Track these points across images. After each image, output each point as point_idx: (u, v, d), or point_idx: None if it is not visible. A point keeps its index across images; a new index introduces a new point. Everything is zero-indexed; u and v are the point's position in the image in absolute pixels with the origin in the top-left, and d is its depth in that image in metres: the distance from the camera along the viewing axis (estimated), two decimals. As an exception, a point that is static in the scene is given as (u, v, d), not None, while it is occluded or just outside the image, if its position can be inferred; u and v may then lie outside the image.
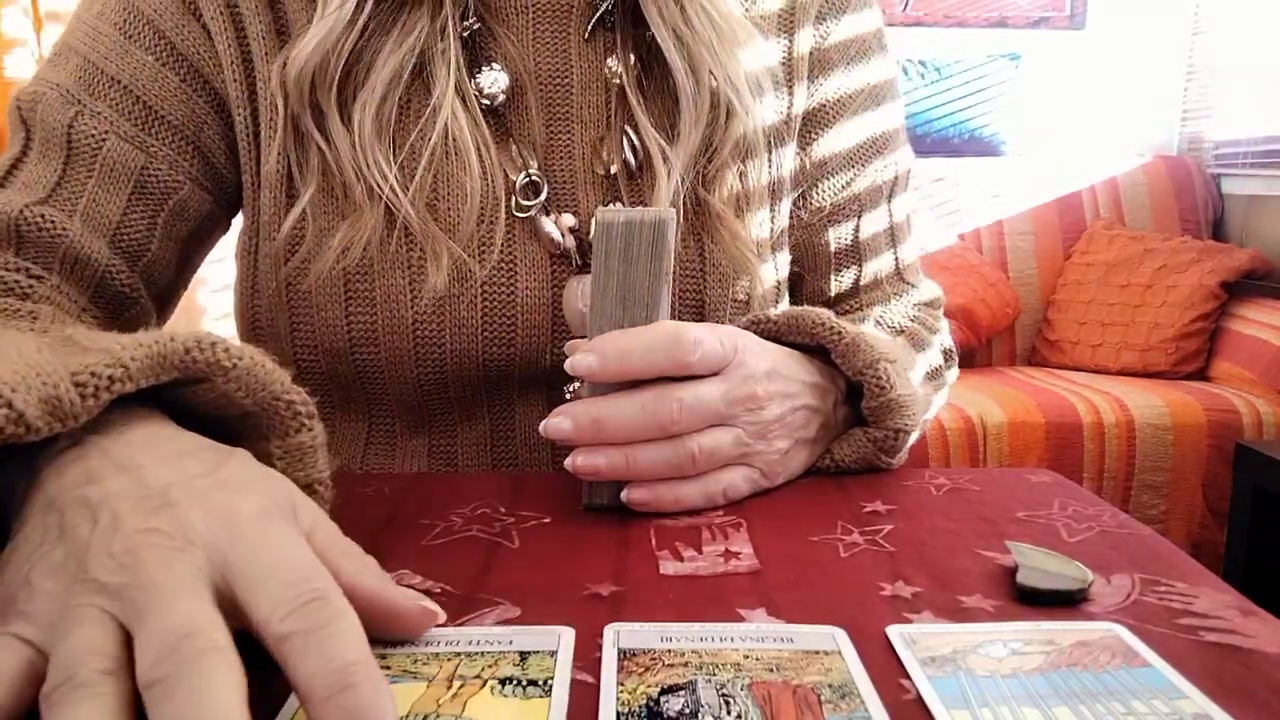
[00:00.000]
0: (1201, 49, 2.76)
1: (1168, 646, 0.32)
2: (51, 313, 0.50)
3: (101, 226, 0.55)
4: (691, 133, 0.58)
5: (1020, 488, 0.50)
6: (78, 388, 0.31)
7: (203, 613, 0.26)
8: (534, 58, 0.59)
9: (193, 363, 0.34)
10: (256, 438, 0.36)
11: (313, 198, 0.56)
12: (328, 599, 0.27)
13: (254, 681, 0.25)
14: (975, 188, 2.53)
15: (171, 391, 0.36)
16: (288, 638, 0.26)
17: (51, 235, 0.53)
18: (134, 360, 0.33)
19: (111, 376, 0.32)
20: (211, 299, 1.99)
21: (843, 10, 0.66)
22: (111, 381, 0.32)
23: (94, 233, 0.55)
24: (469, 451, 0.61)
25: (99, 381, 0.32)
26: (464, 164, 0.56)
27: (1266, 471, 1.65)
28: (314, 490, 0.37)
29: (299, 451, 0.37)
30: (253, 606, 0.27)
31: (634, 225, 0.45)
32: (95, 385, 0.32)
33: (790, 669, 0.30)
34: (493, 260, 0.57)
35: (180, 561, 0.27)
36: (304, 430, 0.37)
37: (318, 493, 0.37)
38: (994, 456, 1.88)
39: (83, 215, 0.55)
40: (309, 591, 0.27)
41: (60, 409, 0.31)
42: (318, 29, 0.54)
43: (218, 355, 0.34)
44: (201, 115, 0.58)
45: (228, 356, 0.34)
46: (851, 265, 0.69)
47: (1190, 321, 2.21)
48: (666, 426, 0.44)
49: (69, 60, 0.57)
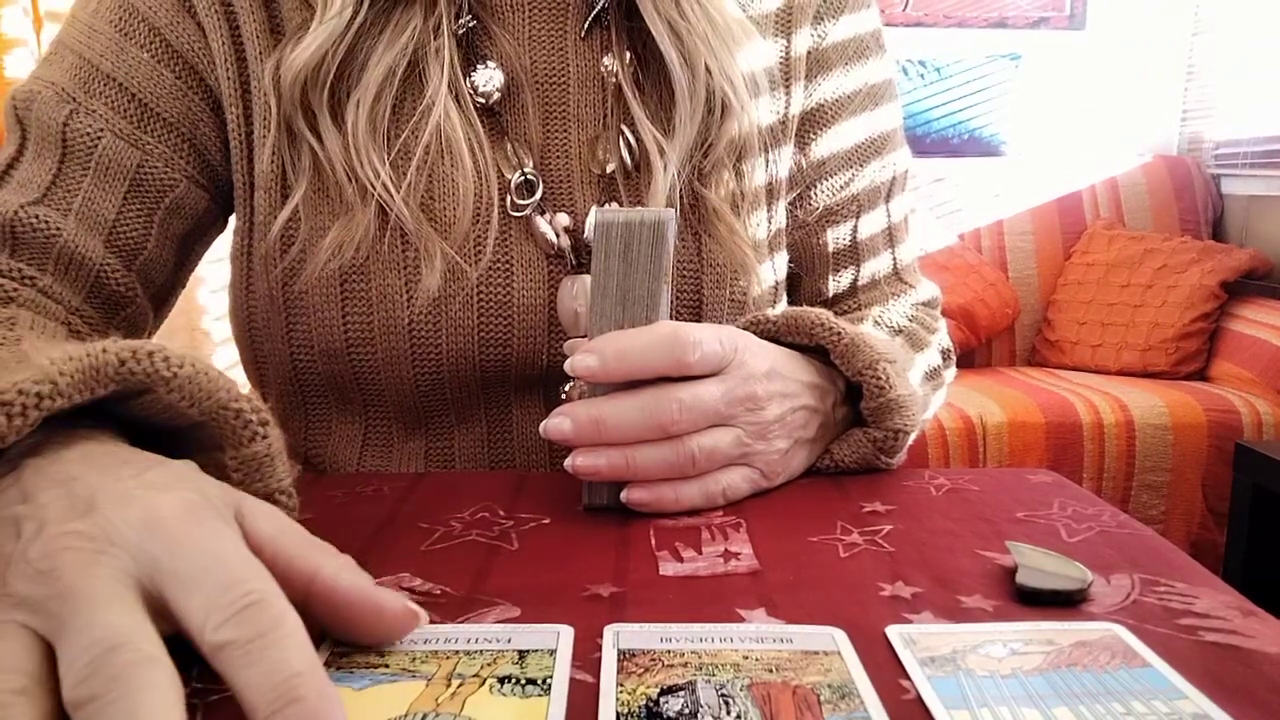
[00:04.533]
0: (1201, 49, 2.76)
1: (1167, 647, 0.32)
2: (30, 318, 0.49)
3: (97, 225, 0.55)
4: (687, 126, 0.57)
5: (1020, 488, 0.50)
6: (4, 408, 0.29)
7: (129, 621, 0.24)
8: (530, 55, 0.59)
9: (129, 374, 0.32)
10: (212, 449, 0.35)
11: (306, 197, 0.56)
12: (266, 602, 0.25)
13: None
14: (975, 188, 2.53)
15: (123, 407, 0.35)
16: (225, 647, 0.24)
17: (46, 235, 0.53)
18: (63, 375, 0.31)
19: (39, 394, 0.30)
20: (211, 299, 1.99)
21: (840, 11, 0.66)
22: (40, 399, 0.30)
23: (89, 232, 0.55)
24: (466, 452, 0.61)
25: (26, 400, 0.30)
26: (457, 163, 0.55)
27: (1266, 471, 1.65)
28: (276, 501, 0.36)
29: (254, 462, 0.35)
30: (185, 613, 0.25)
31: (634, 225, 0.45)
32: (23, 404, 0.30)
33: (790, 669, 0.30)
34: (486, 260, 0.57)
35: (101, 565, 0.26)
36: (257, 439, 0.35)
37: (280, 503, 0.36)
38: (994, 456, 1.88)
39: (77, 214, 0.54)
40: (244, 596, 0.25)
41: None
42: (315, 34, 0.53)
43: (156, 365, 0.33)
44: (197, 112, 0.58)
45: (167, 366, 0.33)
46: (849, 266, 0.69)
47: (1190, 321, 2.21)
48: (666, 427, 0.44)
49: (65, 59, 0.57)
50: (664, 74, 0.58)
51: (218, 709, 0.28)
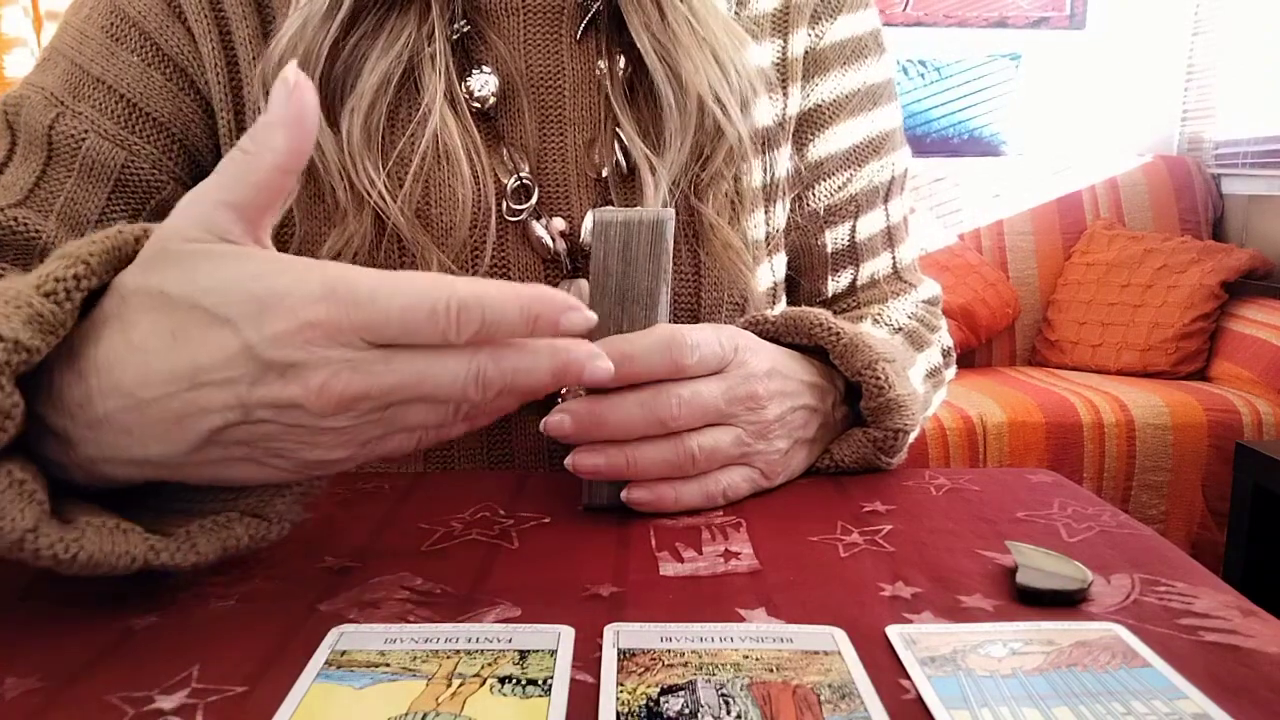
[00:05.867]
0: (1201, 49, 2.76)
1: (1167, 646, 0.32)
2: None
3: (79, 225, 0.55)
4: (677, 141, 0.57)
5: (1020, 488, 0.50)
6: (49, 298, 0.32)
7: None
8: (525, 60, 0.59)
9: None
10: None
11: (300, 202, 0.56)
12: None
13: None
14: (975, 188, 2.53)
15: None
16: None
17: (26, 237, 0.54)
18: (93, 255, 0.33)
19: (76, 275, 0.32)
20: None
21: (838, 11, 0.66)
22: (78, 280, 0.32)
23: (71, 231, 0.55)
24: (465, 453, 0.61)
25: (66, 284, 0.32)
26: (455, 170, 0.55)
27: (1266, 471, 1.65)
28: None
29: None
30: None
31: (633, 225, 0.45)
32: (65, 289, 0.32)
33: (790, 669, 0.30)
34: (484, 266, 0.57)
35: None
36: None
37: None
38: (994, 456, 1.88)
39: (59, 214, 0.55)
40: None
41: (45, 322, 0.31)
42: (294, 19, 0.54)
43: None
44: (188, 115, 0.58)
45: None
46: (848, 266, 0.69)
47: (1190, 321, 2.21)
48: (666, 422, 0.44)
49: (56, 64, 0.57)
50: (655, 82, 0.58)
51: (218, 709, 0.28)
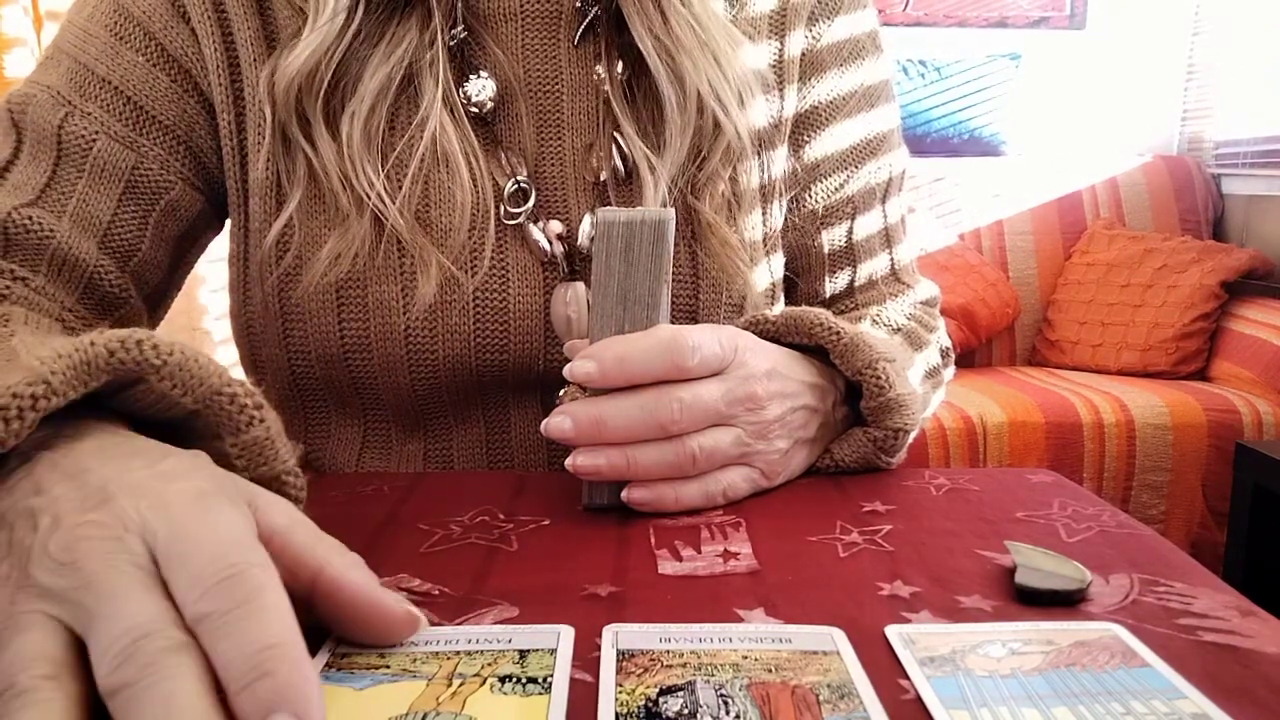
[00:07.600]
0: (1201, 49, 2.76)
1: (1167, 646, 0.32)
2: (24, 314, 0.49)
3: (91, 227, 0.55)
4: (677, 141, 0.57)
5: (1020, 488, 0.50)
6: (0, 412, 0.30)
7: (155, 609, 0.25)
8: (523, 65, 0.59)
9: (119, 364, 0.32)
10: (210, 438, 0.35)
11: (301, 205, 0.56)
12: (246, 574, 0.25)
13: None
14: (975, 188, 2.53)
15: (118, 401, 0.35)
16: (202, 620, 0.24)
17: (39, 237, 0.53)
18: (55, 374, 0.31)
19: (34, 395, 0.30)
20: (211, 298, 1.99)
21: (835, 12, 0.66)
22: (35, 400, 0.30)
23: (83, 233, 0.55)
24: (465, 454, 0.61)
25: (21, 403, 0.30)
26: (454, 174, 0.55)
27: (1266, 471, 1.65)
28: (284, 482, 0.36)
29: (255, 447, 0.35)
30: (175, 591, 0.25)
31: (634, 225, 0.45)
32: (19, 407, 0.30)
33: (789, 669, 0.30)
34: (484, 269, 0.57)
35: (119, 553, 0.26)
36: (255, 424, 0.35)
37: (288, 483, 0.36)
38: (994, 456, 1.88)
39: (72, 216, 0.55)
40: (227, 568, 0.25)
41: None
42: (310, 40, 0.53)
43: (145, 353, 0.33)
44: (193, 116, 0.58)
45: (156, 354, 0.33)
46: (846, 267, 0.69)
47: (1190, 321, 2.21)
48: (667, 426, 0.44)
49: (60, 63, 0.57)
50: (656, 86, 0.58)
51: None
